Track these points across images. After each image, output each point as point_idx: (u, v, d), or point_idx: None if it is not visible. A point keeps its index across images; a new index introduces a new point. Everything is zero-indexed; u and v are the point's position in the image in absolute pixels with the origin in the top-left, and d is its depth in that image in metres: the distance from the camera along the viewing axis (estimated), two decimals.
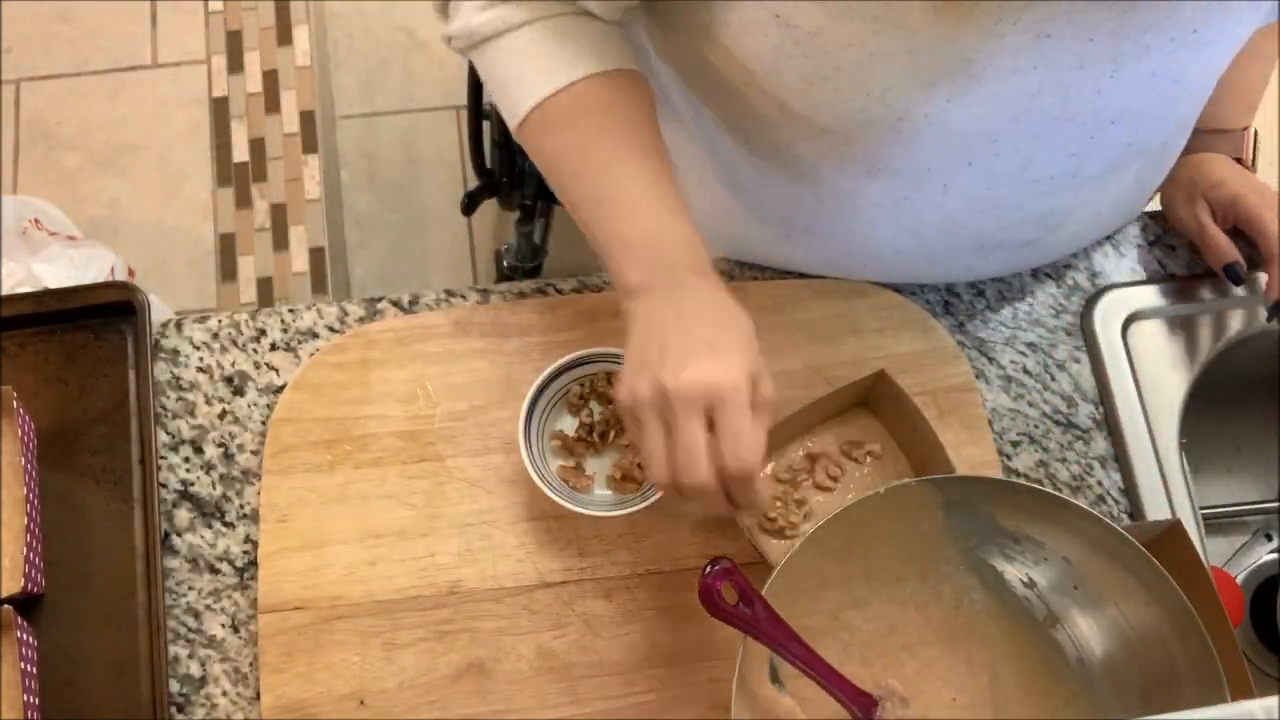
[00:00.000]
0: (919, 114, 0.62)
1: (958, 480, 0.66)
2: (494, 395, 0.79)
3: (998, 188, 0.70)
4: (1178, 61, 0.61)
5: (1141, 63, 0.60)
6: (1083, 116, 0.64)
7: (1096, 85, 0.61)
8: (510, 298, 0.83)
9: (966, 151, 0.66)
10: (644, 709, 0.72)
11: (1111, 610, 0.67)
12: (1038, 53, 0.59)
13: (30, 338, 0.80)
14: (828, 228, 0.76)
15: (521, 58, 0.67)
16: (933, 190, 0.70)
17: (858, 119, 0.63)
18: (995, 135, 0.64)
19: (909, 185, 0.69)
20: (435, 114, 1.79)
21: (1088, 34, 0.58)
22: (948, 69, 0.59)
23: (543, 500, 0.74)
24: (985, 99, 0.61)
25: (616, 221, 0.65)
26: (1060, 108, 0.63)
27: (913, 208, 0.72)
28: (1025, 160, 0.67)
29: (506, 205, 1.48)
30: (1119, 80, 0.61)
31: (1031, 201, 0.72)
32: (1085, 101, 0.62)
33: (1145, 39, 0.59)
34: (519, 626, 0.74)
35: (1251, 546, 0.95)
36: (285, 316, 0.83)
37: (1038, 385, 0.82)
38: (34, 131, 1.76)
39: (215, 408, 0.80)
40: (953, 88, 0.60)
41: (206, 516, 0.77)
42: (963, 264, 0.80)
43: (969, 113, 0.62)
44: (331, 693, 0.72)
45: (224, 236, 1.72)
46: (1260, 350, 0.88)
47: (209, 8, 1.85)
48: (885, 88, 0.60)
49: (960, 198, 0.70)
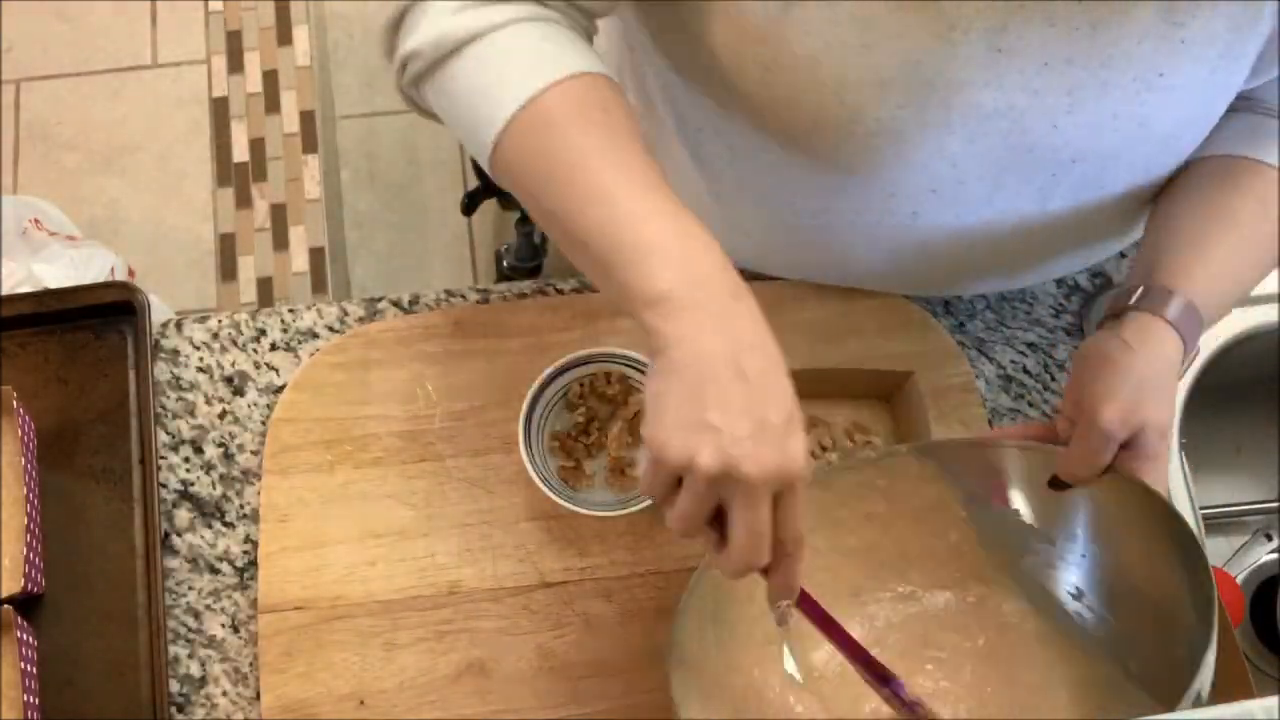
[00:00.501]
0: (870, 117, 0.61)
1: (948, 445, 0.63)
2: (494, 395, 0.79)
3: (966, 216, 0.69)
4: (1144, 105, 0.60)
5: (1101, 101, 0.60)
6: (1041, 149, 0.63)
7: (1053, 118, 0.61)
8: (510, 298, 0.83)
9: (926, 172, 0.65)
10: (644, 709, 0.72)
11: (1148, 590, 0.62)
12: (991, 69, 0.58)
13: (30, 338, 0.80)
14: (805, 243, 0.76)
15: (504, 57, 0.60)
16: (902, 215, 0.69)
17: (815, 116, 0.62)
18: (954, 159, 0.64)
19: (878, 208, 0.69)
20: None
21: (1042, 58, 0.58)
22: (900, 71, 0.59)
23: (543, 500, 0.74)
24: (937, 110, 0.61)
25: (636, 222, 0.56)
26: (1018, 137, 0.62)
27: (887, 231, 0.72)
28: (989, 190, 0.67)
29: (506, 205, 1.48)
30: (1077, 117, 0.61)
31: (1005, 233, 0.72)
32: (1042, 134, 0.62)
33: (1103, 74, 0.58)
34: (519, 626, 0.74)
35: (1251, 546, 0.95)
36: (285, 316, 0.83)
37: (1038, 385, 0.82)
38: (34, 131, 1.76)
39: (215, 408, 0.80)
40: (905, 93, 0.60)
41: (206, 516, 0.77)
42: (945, 285, 0.80)
43: (921, 122, 0.61)
44: (331, 693, 0.72)
45: (224, 236, 1.73)
46: (1260, 350, 0.88)
47: (209, 8, 1.85)
48: (839, 84, 0.60)
49: (932, 225, 0.70)
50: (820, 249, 0.76)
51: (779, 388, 0.53)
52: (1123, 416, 0.59)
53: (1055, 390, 0.81)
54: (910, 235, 0.71)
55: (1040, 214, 0.70)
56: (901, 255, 0.74)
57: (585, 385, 0.77)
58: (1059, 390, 0.81)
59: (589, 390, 0.77)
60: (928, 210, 0.69)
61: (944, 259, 0.75)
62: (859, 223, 0.71)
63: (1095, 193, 0.69)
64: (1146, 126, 0.62)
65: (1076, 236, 0.76)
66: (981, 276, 0.79)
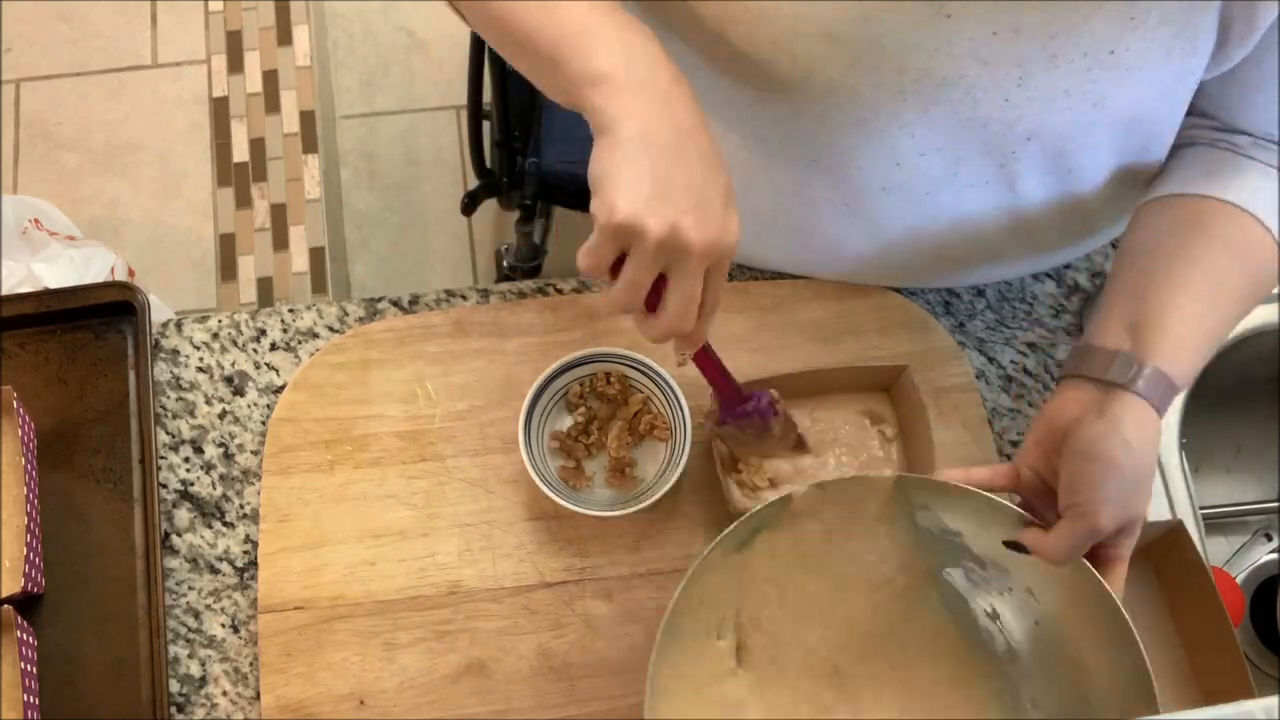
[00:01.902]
0: (822, 75, 0.62)
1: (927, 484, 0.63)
2: (494, 395, 0.79)
3: (937, 192, 0.69)
4: (1095, 83, 0.60)
5: (1051, 74, 0.60)
6: (995, 124, 0.63)
7: (1004, 92, 0.61)
8: (510, 298, 0.83)
9: (886, 143, 0.66)
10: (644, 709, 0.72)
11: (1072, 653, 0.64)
12: (940, 33, 0.59)
13: (30, 338, 0.80)
14: (791, 224, 0.76)
15: None
16: (874, 190, 0.70)
17: (770, 72, 0.63)
18: (911, 128, 0.64)
19: (850, 184, 0.70)
20: (435, 114, 1.79)
21: (990, 26, 0.58)
22: (848, 27, 0.59)
23: (543, 500, 0.74)
24: (889, 74, 0.61)
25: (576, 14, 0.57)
26: (970, 109, 0.62)
27: (866, 212, 0.72)
28: (951, 164, 0.67)
29: (506, 205, 1.48)
30: (1027, 91, 0.61)
31: (983, 217, 0.72)
32: (994, 108, 0.62)
33: (1052, 47, 0.58)
34: (519, 626, 0.74)
35: (1251, 546, 0.95)
36: (285, 316, 0.83)
37: (1038, 385, 0.82)
38: (34, 131, 1.76)
39: (215, 408, 0.80)
40: (854, 51, 0.60)
41: (206, 516, 0.77)
42: (935, 273, 0.80)
43: (874, 82, 0.62)
44: (331, 693, 0.72)
45: (224, 236, 1.73)
46: (1260, 350, 0.88)
47: (209, 8, 1.85)
48: (790, 37, 0.61)
49: (905, 202, 0.70)
50: (804, 233, 0.76)
51: (717, 170, 0.56)
52: (1118, 518, 0.59)
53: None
54: (893, 215, 0.72)
55: (1012, 198, 0.70)
56: (884, 239, 0.75)
57: (585, 385, 0.77)
58: None
59: (589, 390, 0.77)
60: (895, 185, 0.69)
61: (927, 244, 0.75)
62: (835, 198, 0.72)
63: (1064, 177, 0.69)
64: (1101, 106, 0.62)
65: (1060, 224, 0.76)
66: (970, 265, 0.79)
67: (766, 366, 0.80)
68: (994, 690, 0.67)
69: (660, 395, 0.76)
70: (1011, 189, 0.70)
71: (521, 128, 1.30)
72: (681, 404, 0.74)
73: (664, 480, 0.73)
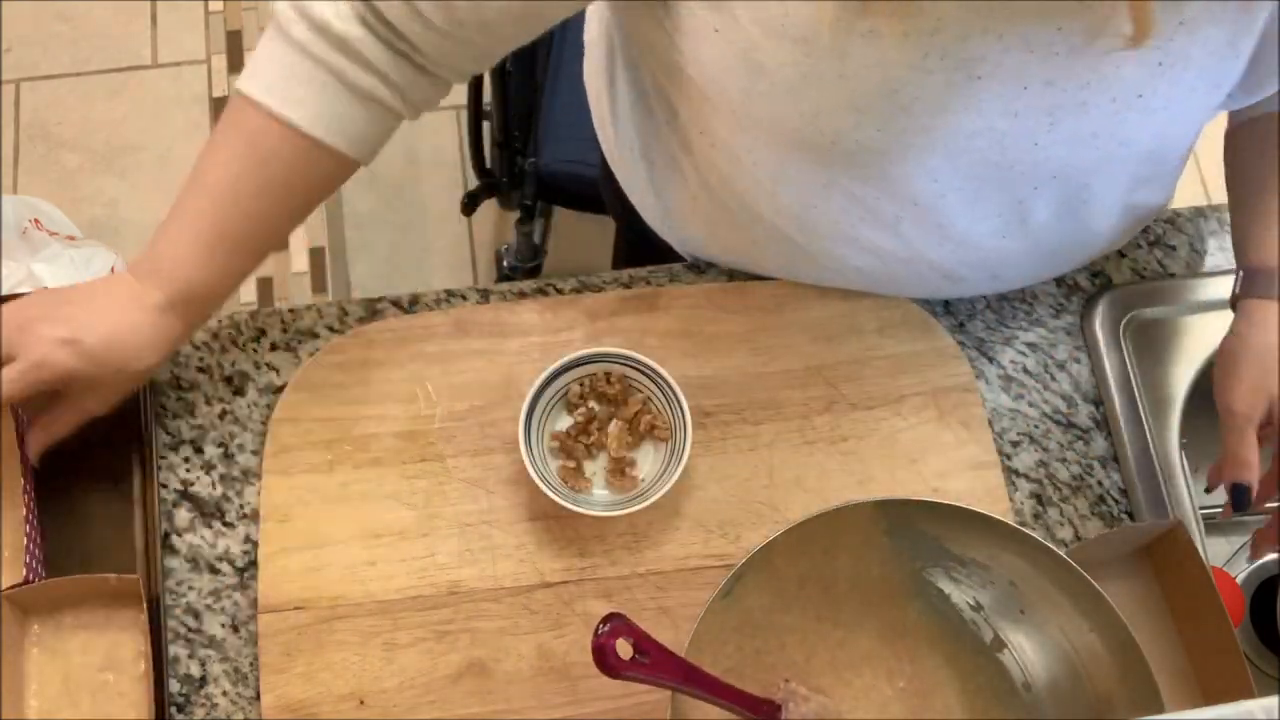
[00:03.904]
0: (850, 140, 0.62)
1: (905, 504, 0.65)
2: (494, 395, 0.79)
3: (950, 225, 0.70)
4: (1124, 125, 0.60)
5: (1080, 120, 0.60)
6: (1023, 166, 0.64)
7: (1034, 137, 0.61)
8: (510, 298, 0.83)
9: (908, 186, 0.66)
10: (644, 709, 0.72)
11: (1057, 635, 0.66)
12: (969, 95, 0.59)
13: None
14: (792, 240, 0.76)
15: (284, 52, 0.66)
16: (886, 219, 0.70)
17: (793, 138, 0.64)
18: (934, 174, 0.64)
19: (861, 213, 0.70)
20: (435, 114, 1.78)
21: (1020, 82, 0.58)
22: (877, 98, 0.59)
23: (543, 500, 0.74)
24: (916, 133, 0.61)
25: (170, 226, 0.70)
26: (999, 154, 0.62)
27: (870, 233, 0.72)
28: (970, 200, 0.67)
29: (506, 205, 1.48)
30: (1057, 135, 0.61)
31: (989, 240, 0.72)
32: (1024, 152, 0.62)
33: (1082, 95, 0.59)
34: (519, 626, 0.74)
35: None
36: (285, 316, 0.83)
37: (1038, 385, 0.82)
38: (34, 131, 1.76)
39: (215, 408, 0.80)
40: (882, 118, 0.60)
41: (206, 516, 0.77)
42: (932, 287, 0.80)
43: (901, 144, 0.62)
44: (331, 693, 0.72)
45: None
46: None
47: (209, 8, 1.85)
48: (816, 111, 0.61)
49: (914, 230, 0.71)
50: (807, 246, 0.76)
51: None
52: (1251, 397, 0.64)
53: (1055, 390, 0.81)
54: (896, 238, 0.72)
55: (1021, 226, 0.71)
56: (887, 260, 0.75)
57: (585, 385, 0.77)
58: (1059, 390, 0.81)
59: (589, 390, 0.77)
60: (909, 219, 0.69)
61: (927, 263, 0.75)
62: (843, 222, 0.71)
63: (1078, 209, 0.70)
64: (1127, 145, 0.62)
65: (1066, 245, 0.76)
66: (971, 283, 0.79)
67: (767, 366, 0.80)
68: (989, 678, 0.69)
69: (660, 395, 0.76)
70: (1024, 221, 0.70)
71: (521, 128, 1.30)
72: (682, 404, 0.74)
73: (664, 480, 0.73)
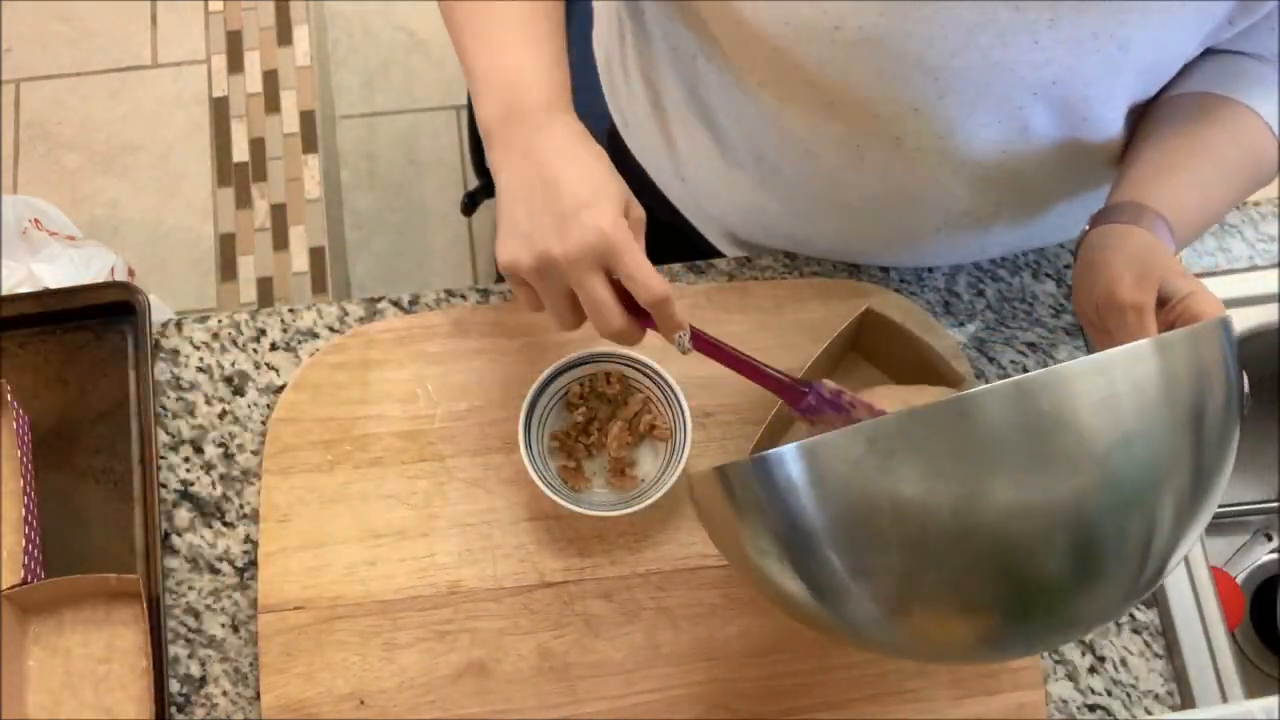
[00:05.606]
0: (852, 25, 0.62)
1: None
2: (494, 395, 0.79)
3: (950, 136, 0.69)
4: (1123, 25, 0.61)
5: (1081, 17, 0.60)
6: (1022, 69, 0.64)
7: (1034, 34, 0.61)
8: (510, 298, 0.83)
9: (909, 88, 0.66)
10: (644, 709, 0.72)
11: None
12: None
13: (30, 338, 0.80)
14: (794, 171, 0.76)
15: None
16: (885, 138, 0.70)
17: (794, 22, 0.64)
18: (934, 71, 0.64)
19: (863, 130, 0.70)
20: (435, 114, 1.79)
21: None
22: None
23: (543, 500, 0.74)
24: (919, 21, 0.61)
25: (486, 56, 0.65)
26: (999, 50, 0.63)
27: (873, 159, 0.72)
28: (969, 104, 0.67)
29: None
30: (1058, 34, 0.61)
31: (992, 155, 0.72)
32: (1023, 51, 0.62)
33: None
34: (519, 626, 0.74)
35: (1251, 546, 0.95)
36: (285, 316, 0.83)
37: None
38: (34, 131, 1.76)
39: (215, 408, 0.80)
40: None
41: (206, 516, 0.77)
42: (941, 242, 0.79)
43: (904, 32, 0.62)
44: (331, 693, 0.72)
45: (224, 236, 1.73)
46: (1260, 350, 0.88)
47: (209, 8, 1.85)
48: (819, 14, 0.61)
49: (915, 150, 0.70)
50: (809, 179, 0.76)
51: (586, 184, 0.61)
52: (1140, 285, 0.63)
53: None
54: (900, 163, 0.72)
55: (1023, 134, 0.70)
56: (889, 193, 0.75)
57: (585, 385, 0.77)
58: None
59: (589, 390, 0.77)
60: (910, 133, 0.69)
61: (936, 203, 0.75)
62: (847, 144, 0.71)
63: (1078, 125, 0.70)
64: (1126, 49, 0.63)
65: (1062, 178, 0.76)
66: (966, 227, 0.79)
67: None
68: None
69: (660, 395, 0.76)
70: (1024, 135, 0.70)
71: None
72: (682, 404, 0.74)
73: (664, 480, 0.73)
